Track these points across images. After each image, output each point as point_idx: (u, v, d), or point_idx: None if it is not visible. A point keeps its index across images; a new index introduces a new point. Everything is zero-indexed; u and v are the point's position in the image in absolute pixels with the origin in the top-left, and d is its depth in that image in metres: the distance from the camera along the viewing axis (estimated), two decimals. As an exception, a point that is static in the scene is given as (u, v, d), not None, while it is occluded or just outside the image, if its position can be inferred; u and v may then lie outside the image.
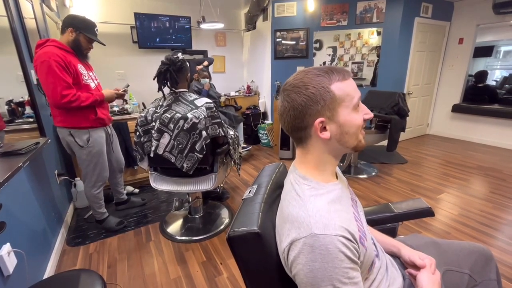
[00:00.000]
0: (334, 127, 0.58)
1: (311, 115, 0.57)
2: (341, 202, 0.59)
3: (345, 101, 0.56)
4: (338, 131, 0.58)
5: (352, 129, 0.58)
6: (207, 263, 1.67)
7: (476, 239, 1.83)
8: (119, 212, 2.27)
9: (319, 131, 0.58)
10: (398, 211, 0.98)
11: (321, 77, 0.56)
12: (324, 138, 0.58)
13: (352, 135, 0.59)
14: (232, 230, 0.59)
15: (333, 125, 0.58)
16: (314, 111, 0.56)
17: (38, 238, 1.50)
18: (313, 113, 0.57)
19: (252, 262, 0.60)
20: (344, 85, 0.57)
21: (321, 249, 0.48)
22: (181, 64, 1.60)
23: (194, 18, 3.65)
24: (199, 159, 1.62)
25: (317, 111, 0.56)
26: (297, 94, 0.57)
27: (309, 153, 0.62)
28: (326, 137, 0.58)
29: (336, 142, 0.59)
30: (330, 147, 0.60)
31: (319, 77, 0.56)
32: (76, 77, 1.63)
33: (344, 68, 0.60)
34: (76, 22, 1.65)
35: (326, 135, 0.58)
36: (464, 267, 0.81)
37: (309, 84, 0.56)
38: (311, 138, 0.60)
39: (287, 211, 0.58)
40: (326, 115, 0.57)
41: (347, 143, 0.59)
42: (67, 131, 1.70)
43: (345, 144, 0.60)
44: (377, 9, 3.44)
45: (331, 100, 0.56)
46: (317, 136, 0.58)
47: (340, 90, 0.56)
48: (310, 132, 0.59)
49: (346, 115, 0.57)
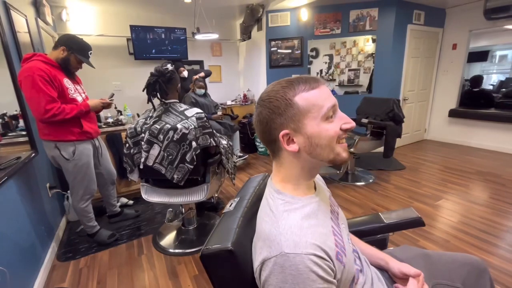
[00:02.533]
0: (301, 139, 0.56)
1: (276, 128, 0.56)
2: (317, 216, 0.57)
3: (311, 111, 0.54)
4: (307, 143, 0.55)
5: (323, 141, 0.55)
6: (199, 276, 1.63)
7: (476, 247, 1.78)
8: (112, 225, 2.23)
9: (285, 143, 0.56)
10: (387, 222, 0.95)
11: (286, 88, 0.55)
12: (292, 151, 0.56)
13: (325, 148, 0.55)
14: (205, 248, 0.57)
15: (300, 137, 0.56)
16: (278, 124, 0.55)
17: (25, 254, 1.47)
18: (277, 126, 0.56)
19: (226, 280, 0.58)
20: (310, 95, 0.54)
21: (291, 269, 0.46)
22: (170, 75, 1.60)
23: (189, 29, 3.70)
24: (190, 170, 1.60)
25: (281, 124, 0.55)
26: (263, 108, 0.57)
27: (282, 166, 0.61)
28: (293, 149, 0.56)
29: (307, 155, 0.57)
30: (301, 160, 0.58)
31: (284, 89, 0.55)
32: (62, 92, 1.62)
33: (316, 77, 0.58)
34: (71, 43, 1.67)
35: (293, 148, 0.56)
36: (456, 280, 0.78)
37: (273, 97, 0.55)
38: (282, 151, 0.59)
39: (260, 227, 0.56)
40: (290, 127, 0.55)
41: (320, 156, 0.56)
42: (52, 144, 1.69)
43: (318, 157, 0.56)
44: (370, 17, 3.48)
45: (294, 111, 0.54)
46: (285, 149, 0.57)
47: (305, 100, 0.54)
48: (280, 145, 0.57)
49: (314, 126, 0.54)
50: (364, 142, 2.77)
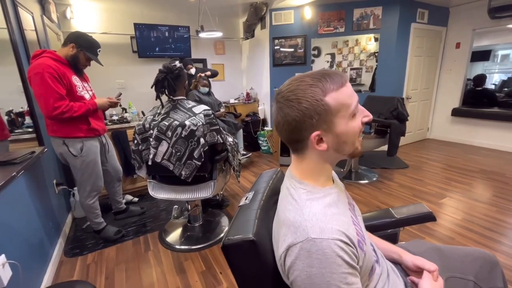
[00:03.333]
0: (331, 138, 0.56)
1: (307, 129, 0.55)
2: (338, 206, 0.58)
3: (341, 111, 0.54)
4: (336, 141, 0.56)
5: (350, 138, 0.56)
6: (207, 272, 1.64)
7: (480, 245, 1.79)
8: (117, 222, 2.24)
9: (316, 143, 0.56)
10: (399, 216, 0.96)
11: (314, 88, 0.53)
12: (322, 150, 0.57)
13: (349, 144, 0.57)
14: (227, 238, 0.58)
15: (330, 136, 0.56)
16: (309, 125, 0.54)
17: (34, 249, 1.48)
18: (309, 127, 0.54)
19: (248, 270, 0.59)
20: (339, 95, 0.53)
21: (318, 253, 0.47)
22: (178, 72, 1.60)
23: (193, 27, 3.70)
24: (198, 166, 1.60)
25: (312, 125, 0.54)
26: (291, 109, 0.54)
27: (305, 161, 0.61)
28: (323, 148, 0.56)
29: (333, 152, 0.58)
30: (327, 156, 0.59)
31: (312, 88, 0.53)
32: (70, 89, 1.63)
33: (339, 72, 0.56)
34: (81, 41, 1.68)
35: (323, 147, 0.56)
36: (469, 274, 0.79)
37: (302, 98, 0.53)
38: (308, 148, 0.59)
39: (284, 216, 0.56)
40: (322, 128, 0.54)
41: (344, 151, 0.58)
42: (60, 141, 1.70)
43: (342, 152, 0.59)
44: (374, 15, 3.48)
45: (326, 113, 0.53)
46: (314, 148, 0.57)
47: (335, 100, 0.53)
48: (307, 144, 0.58)
49: (343, 125, 0.55)
50: (368, 140, 2.78)
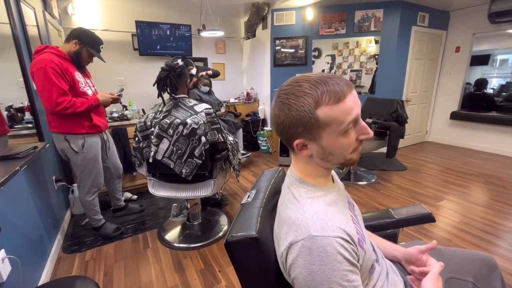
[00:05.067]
0: (315, 148, 0.56)
1: (292, 134, 0.55)
2: (338, 204, 0.59)
3: (331, 126, 0.51)
4: (320, 152, 0.56)
5: (337, 152, 0.55)
6: (205, 271, 1.64)
7: (478, 247, 1.81)
8: (116, 219, 2.24)
9: (299, 150, 0.56)
10: (398, 217, 0.97)
11: (307, 98, 0.51)
12: (305, 156, 0.57)
13: (337, 156, 0.56)
14: (230, 235, 0.58)
15: (314, 146, 0.55)
16: (293, 131, 0.54)
17: (34, 244, 1.48)
18: (293, 133, 0.55)
19: (250, 267, 0.59)
20: (333, 110, 0.50)
21: (319, 251, 0.48)
22: (180, 70, 1.61)
23: (194, 26, 3.70)
24: (198, 164, 1.61)
25: (297, 133, 0.54)
26: (281, 112, 0.54)
27: (299, 160, 0.62)
28: (306, 155, 0.57)
29: (319, 160, 0.58)
30: (315, 162, 0.59)
31: (305, 98, 0.51)
32: (73, 85, 1.64)
33: (344, 80, 0.52)
34: (83, 37, 1.68)
35: (306, 153, 0.57)
36: (468, 275, 0.80)
37: (292, 105, 0.52)
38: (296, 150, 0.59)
39: (285, 214, 0.57)
40: (306, 137, 0.54)
41: (332, 161, 0.57)
42: (62, 137, 1.70)
43: (330, 162, 0.58)
44: (375, 18, 3.50)
45: (312, 126, 0.52)
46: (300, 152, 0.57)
47: (326, 115, 0.51)
48: (293, 146, 0.58)
49: (330, 139, 0.53)
50: (367, 142, 2.79)
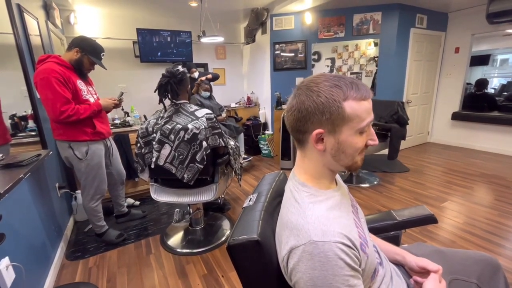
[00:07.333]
0: (331, 142, 0.56)
1: (313, 122, 0.55)
2: (341, 208, 0.59)
3: (352, 121, 0.54)
4: (335, 147, 0.56)
5: (350, 150, 0.56)
6: (208, 276, 1.64)
7: (482, 248, 1.79)
8: (119, 225, 2.24)
9: (315, 141, 0.56)
10: (400, 219, 0.97)
11: (337, 88, 0.53)
12: (318, 149, 0.57)
13: (348, 155, 0.57)
14: (232, 239, 0.59)
15: (331, 140, 0.56)
16: (316, 120, 0.54)
17: (37, 252, 1.48)
18: (315, 122, 0.55)
19: (252, 271, 0.59)
20: (358, 106, 0.54)
21: (320, 256, 0.48)
22: (181, 76, 1.63)
23: (194, 32, 3.74)
24: (200, 169, 1.62)
25: (319, 122, 0.54)
26: (308, 98, 0.55)
27: (306, 157, 0.62)
28: (320, 148, 0.57)
29: (330, 157, 0.58)
30: (325, 159, 0.59)
31: (336, 88, 0.53)
32: (75, 93, 1.66)
33: (367, 86, 0.56)
34: (84, 45, 1.70)
35: (320, 147, 0.57)
36: (472, 276, 0.79)
37: (322, 92, 0.53)
38: (308, 143, 0.59)
39: (286, 218, 0.57)
40: (327, 128, 0.55)
41: (341, 161, 0.58)
42: (66, 144, 1.72)
43: (339, 162, 0.58)
44: (373, 21, 3.52)
45: (338, 116, 0.53)
46: (313, 146, 0.57)
47: (352, 109, 0.53)
48: (308, 138, 0.58)
49: (348, 135, 0.55)
50: (369, 144, 2.79)
